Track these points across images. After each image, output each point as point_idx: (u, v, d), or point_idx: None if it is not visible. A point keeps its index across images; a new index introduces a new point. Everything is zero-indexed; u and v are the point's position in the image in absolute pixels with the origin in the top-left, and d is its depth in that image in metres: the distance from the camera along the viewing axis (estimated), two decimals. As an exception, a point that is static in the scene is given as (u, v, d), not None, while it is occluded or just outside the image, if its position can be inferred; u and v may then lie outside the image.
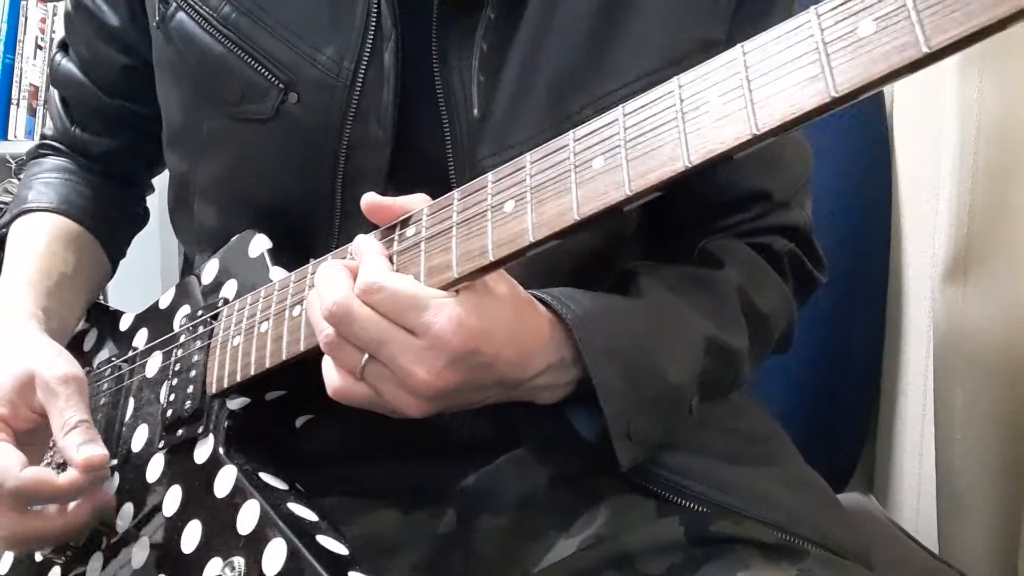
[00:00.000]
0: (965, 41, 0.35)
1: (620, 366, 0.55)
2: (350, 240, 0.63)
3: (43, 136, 0.88)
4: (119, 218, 0.86)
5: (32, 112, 1.75)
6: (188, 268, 0.80)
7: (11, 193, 1.67)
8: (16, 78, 1.75)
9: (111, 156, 0.84)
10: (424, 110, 0.62)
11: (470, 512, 0.63)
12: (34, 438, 0.65)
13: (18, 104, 1.75)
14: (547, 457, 0.64)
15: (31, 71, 1.76)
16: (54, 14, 1.76)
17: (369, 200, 0.54)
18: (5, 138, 1.73)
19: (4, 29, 1.73)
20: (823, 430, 1.05)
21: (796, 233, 0.72)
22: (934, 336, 0.90)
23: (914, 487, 1.00)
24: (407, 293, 0.49)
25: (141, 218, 0.89)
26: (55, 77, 0.85)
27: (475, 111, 0.61)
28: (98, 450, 0.60)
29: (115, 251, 0.85)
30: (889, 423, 1.08)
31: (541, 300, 0.55)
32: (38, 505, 0.61)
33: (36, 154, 0.87)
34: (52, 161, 0.85)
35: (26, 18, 1.74)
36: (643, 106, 0.45)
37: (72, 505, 0.61)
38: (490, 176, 0.51)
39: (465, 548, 0.62)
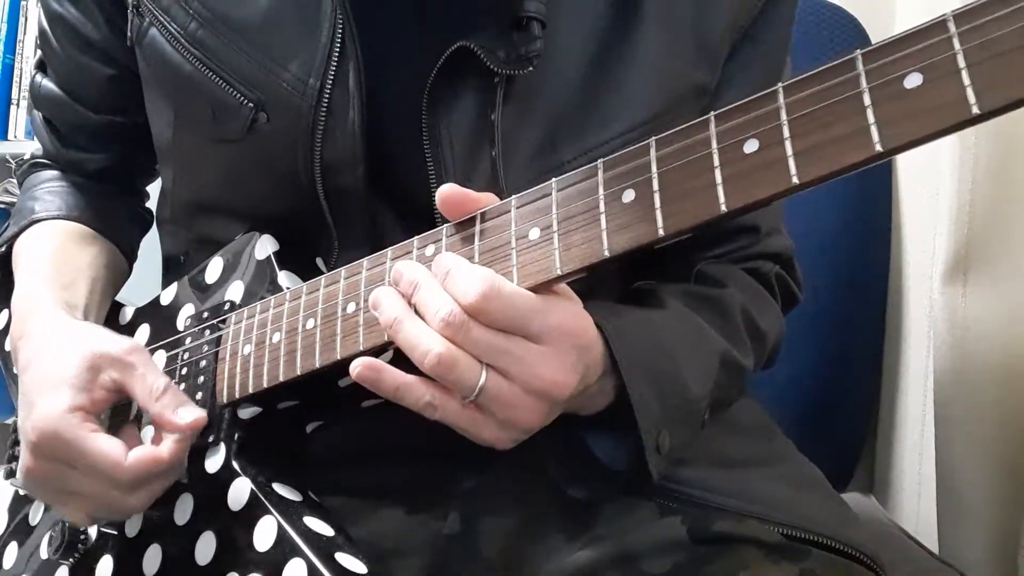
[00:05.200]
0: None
1: (650, 379, 0.54)
2: (351, 248, 0.63)
3: (33, 156, 0.86)
4: (127, 220, 0.85)
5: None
6: (172, 269, 0.79)
7: (11, 193, 1.66)
8: (16, 78, 1.74)
9: (107, 171, 0.83)
10: (402, 139, 0.62)
11: (473, 514, 0.63)
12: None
13: (18, 104, 1.74)
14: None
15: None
16: (54, 14, 1.75)
17: (446, 192, 0.52)
18: (5, 138, 1.72)
19: (4, 29, 1.72)
20: (823, 430, 1.05)
21: (779, 258, 0.73)
22: (934, 336, 0.90)
23: (914, 487, 1.00)
24: (527, 295, 0.48)
25: (147, 221, 0.88)
26: (37, 99, 0.82)
27: (463, 157, 0.60)
28: (196, 411, 0.58)
29: (128, 252, 0.84)
30: (889, 423, 1.08)
31: None
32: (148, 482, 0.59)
33: (29, 171, 0.85)
34: (50, 172, 0.84)
35: (26, 18, 1.73)
36: (676, 140, 0.44)
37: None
38: (514, 200, 0.50)
39: (468, 550, 0.62)
